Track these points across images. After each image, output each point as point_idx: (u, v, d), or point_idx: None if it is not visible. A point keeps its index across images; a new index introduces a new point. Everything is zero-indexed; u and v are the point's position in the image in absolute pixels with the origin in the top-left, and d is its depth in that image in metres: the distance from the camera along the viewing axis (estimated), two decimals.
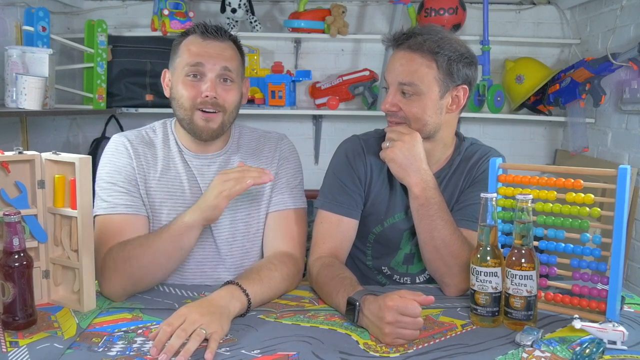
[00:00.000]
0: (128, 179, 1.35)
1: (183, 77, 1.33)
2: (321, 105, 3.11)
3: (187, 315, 1.04)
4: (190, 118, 1.34)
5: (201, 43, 1.34)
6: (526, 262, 1.10)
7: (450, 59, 1.30)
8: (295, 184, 1.46)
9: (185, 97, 1.33)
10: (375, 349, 1.04)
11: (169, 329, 1.02)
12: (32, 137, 2.62)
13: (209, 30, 1.34)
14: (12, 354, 0.98)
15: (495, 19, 3.06)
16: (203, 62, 1.32)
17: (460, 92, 1.35)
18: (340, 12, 2.92)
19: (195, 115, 1.34)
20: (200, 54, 1.33)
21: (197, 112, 1.34)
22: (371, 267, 1.49)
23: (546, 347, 1.04)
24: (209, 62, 1.32)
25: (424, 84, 1.30)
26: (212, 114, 1.34)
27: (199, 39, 1.35)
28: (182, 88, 1.33)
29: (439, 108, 1.34)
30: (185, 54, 1.34)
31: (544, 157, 3.25)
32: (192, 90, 1.33)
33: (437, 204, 1.28)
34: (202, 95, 1.32)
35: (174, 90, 1.36)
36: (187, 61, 1.33)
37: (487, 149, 1.45)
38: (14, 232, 1.06)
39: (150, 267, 1.24)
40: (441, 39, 1.31)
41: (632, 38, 2.46)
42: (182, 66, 1.34)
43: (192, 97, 1.33)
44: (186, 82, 1.33)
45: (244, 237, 1.41)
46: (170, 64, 1.39)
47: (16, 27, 2.45)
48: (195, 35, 1.36)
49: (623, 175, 1.09)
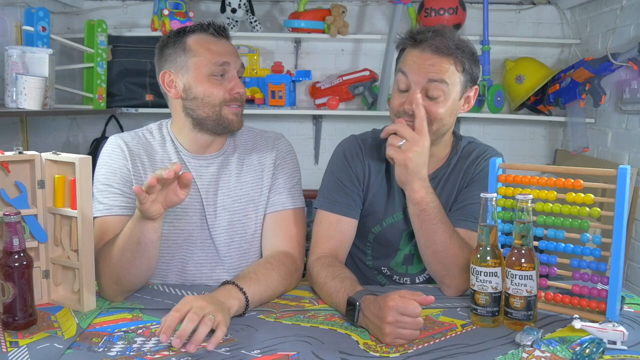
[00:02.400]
0: (124, 181, 1.35)
1: (207, 76, 1.34)
2: (321, 105, 3.11)
3: (194, 302, 1.05)
4: (218, 114, 1.36)
5: (218, 42, 1.37)
6: (526, 262, 1.10)
7: (470, 61, 1.31)
8: (293, 183, 1.46)
9: (214, 95, 1.35)
10: (375, 349, 1.04)
11: (177, 314, 1.02)
12: (32, 137, 2.62)
13: (221, 29, 1.38)
14: (12, 354, 0.98)
15: (495, 19, 3.06)
16: (229, 61, 1.36)
17: (472, 93, 1.36)
18: (340, 12, 2.92)
19: (224, 110, 1.37)
20: (224, 54, 1.36)
21: (226, 108, 1.37)
22: (371, 267, 1.49)
23: (546, 347, 1.04)
24: (232, 60, 1.36)
25: (452, 84, 1.29)
26: (239, 108, 1.40)
27: (213, 38, 1.37)
28: (210, 87, 1.35)
29: (457, 109, 1.34)
30: (206, 54, 1.34)
31: (544, 157, 3.25)
32: (220, 89, 1.35)
33: (436, 207, 1.27)
34: (232, 92, 1.36)
35: (194, 90, 1.35)
36: (212, 61, 1.34)
37: (484, 147, 1.45)
38: (14, 232, 1.06)
39: (122, 264, 1.20)
40: (460, 40, 1.31)
41: (632, 38, 2.46)
42: (204, 65, 1.34)
43: (221, 94, 1.35)
44: (213, 81, 1.35)
45: (242, 238, 1.41)
46: (174, 63, 1.36)
47: (16, 27, 2.45)
48: (205, 35, 1.36)
49: (623, 175, 1.09)
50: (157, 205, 1.13)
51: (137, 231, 1.17)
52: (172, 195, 1.14)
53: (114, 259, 1.20)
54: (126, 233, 1.19)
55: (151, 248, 1.20)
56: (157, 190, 1.11)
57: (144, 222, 1.15)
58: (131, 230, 1.18)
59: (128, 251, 1.18)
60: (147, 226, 1.15)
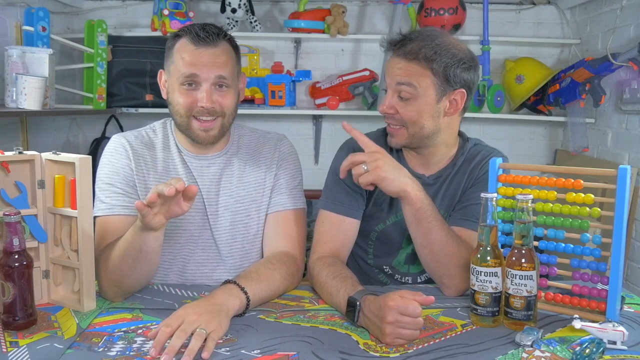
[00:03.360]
0: (126, 180, 1.35)
1: (178, 85, 1.32)
2: (321, 105, 3.10)
3: (185, 316, 1.04)
4: (187, 124, 1.34)
5: (194, 51, 1.30)
6: (526, 262, 1.10)
7: (447, 65, 1.30)
8: (295, 184, 1.46)
9: (181, 104, 1.32)
10: (375, 349, 1.04)
11: (167, 329, 1.02)
12: (32, 137, 2.62)
13: (201, 36, 1.29)
14: (12, 354, 0.98)
15: (495, 19, 3.06)
16: (197, 73, 1.30)
17: (457, 96, 1.35)
18: (340, 12, 2.92)
19: (193, 123, 1.33)
20: (194, 64, 1.29)
21: (194, 120, 1.33)
22: (372, 265, 1.49)
23: (546, 347, 1.04)
24: (202, 72, 1.30)
25: (420, 87, 1.31)
26: (210, 122, 1.33)
27: (191, 46, 1.30)
28: (178, 96, 1.32)
29: (436, 112, 1.34)
30: (179, 62, 1.31)
31: (544, 157, 3.25)
32: (188, 99, 1.31)
33: (430, 205, 1.27)
34: (198, 105, 1.31)
35: (170, 96, 1.35)
36: (182, 71, 1.30)
37: (490, 149, 1.45)
38: (14, 232, 1.06)
39: (122, 269, 1.19)
40: (438, 45, 1.30)
41: (632, 38, 2.46)
42: (177, 74, 1.31)
43: (187, 105, 1.31)
44: (181, 91, 1.32)
45: (244, 239, 1.41)
46: (165, 65, 1.37)
47: (16, 27, 2.45)
48: (186, 41, 1.31)
49: (623, 175, 1.09)
50: (159, 217, 1.12)
51: (139, 239, 1.15)
52: (175, 207, 1.13)
53: (115, 264, 1.19)
54: (127, 239, 1.18)
55: (152, 256, 1.19)
56: (159, 204, 1.09)
57: (146, 231, 1.14)
58: (132, 238, 1.17)
59: (129, 257, 1.18)
60: (148, 235, 1.15)
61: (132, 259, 1.18)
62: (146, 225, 1.12)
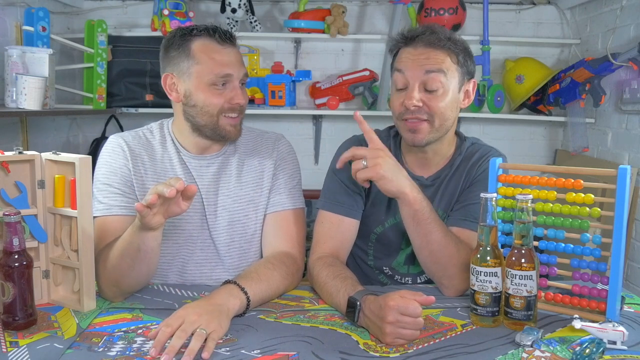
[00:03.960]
0: (124, 180, 1.35)
1: (208, 85, 1.33)
2: (321, 105, 3.11)
3: (185, 316, 1.04)
4: (215, 124, 1.36)
5: (222, 51, 1.34)
6: (526, 262, 1.10)
7: (464, 54, 1.33)
8: (293, 184, 1.46)
9: (213, 104, 1.34)
10: (375, 349, 1.04)
11: (168, 329, 1.02)
12: (32, 137, 2.62)
13: (227, 35, 1.35)
14: (12, 354, 0.98)
15: (495, 19, 3.06)
16: (231, 73, 1.34)
17: (470, 86, 1.38)
18: (340, 12, 2.92)
19: (222, 120, 1.36)
20: (227, 64, 1.33)
21: (223, 117, 1.36)
22: (373, 267, 1.49)
23: (546, 347, 1.04)
24: (234, 71, 1.34)
25: (449, 73, 1.31)
26: (237, 118, 1.38)
27: (217, 45, 1.34)
28: (210, 96, 1.33)
29: (457, 102, 1.35)
30: (209, 63, 1.32)
31: (544, 157, 3.25)
32: (221, 98, 1.34)
33: (428, 206, 1.27)
34: (231, 102, 1.35)
35: (194, 97, 1.34)
36: (215, 72, 1.32)
37: (487, 148, 1.45)
38: (14, 232, 1.06)
39: (121, 268, 1.19)
40: (452, 34, 1.34)
41: (632, 38, 2.46)
42: (207, 75, 1.32)
43: (220, 104, 1.34)
44: (213, 91, 1.33)
45: (242, 239, 1.41)
46: (177, 67, 1.35)
47: (16, 27, 2.45)
48: (209, 41, 1.33)
49: (623, 175, 1.09)
50: (158, 216, 1.12)
51: (137, 239, 1.16)
52: (174, 206, 1.13)
53: (113, 264, 1.19)
54: (126, 239, 1.18)
55: (151, 255, 1.19)
56: (159, 204, 1.10)
57: (144, 231, 1.14)
58: (131, 237, 1.17)
59: (127, 257, 1.18)
60: (147, 235, 1.15)
61: (130, 258, 1.18)
62: (145, 225, 1.12)
